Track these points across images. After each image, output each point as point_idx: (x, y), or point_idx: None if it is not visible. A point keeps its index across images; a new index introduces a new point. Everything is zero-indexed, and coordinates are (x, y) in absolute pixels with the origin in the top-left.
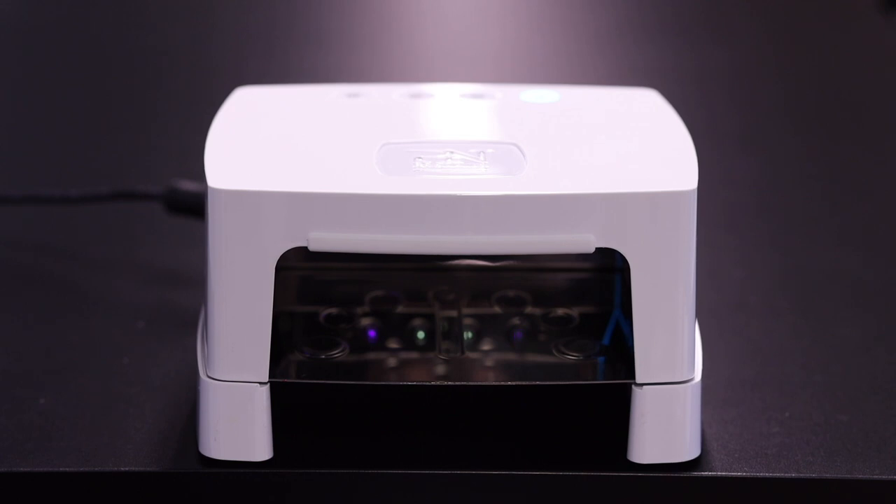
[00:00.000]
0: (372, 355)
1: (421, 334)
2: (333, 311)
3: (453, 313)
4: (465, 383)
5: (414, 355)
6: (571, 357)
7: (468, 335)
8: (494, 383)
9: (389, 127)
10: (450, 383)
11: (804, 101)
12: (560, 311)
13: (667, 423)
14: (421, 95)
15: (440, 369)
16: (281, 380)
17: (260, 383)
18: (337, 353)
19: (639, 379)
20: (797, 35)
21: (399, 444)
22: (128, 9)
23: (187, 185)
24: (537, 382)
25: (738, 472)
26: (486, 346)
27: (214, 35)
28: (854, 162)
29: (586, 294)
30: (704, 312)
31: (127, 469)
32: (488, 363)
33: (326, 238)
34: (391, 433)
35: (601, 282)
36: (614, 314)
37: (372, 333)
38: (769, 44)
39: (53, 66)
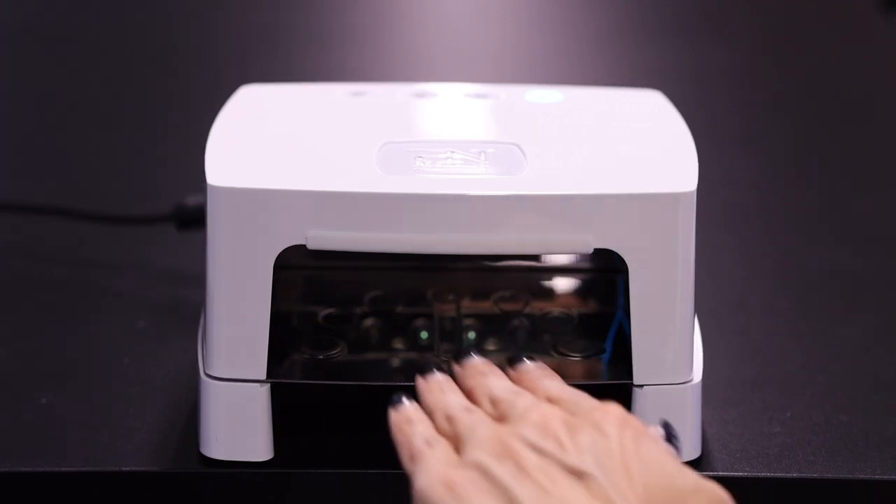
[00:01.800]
0: (371, 355)
1: (424, 334)
2: (333, 311)
3: (453, 313)
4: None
5: (413, 355)
6: (572, 357)
7: (468, 335)
8: None
9: (392, 126)
10: None
11: (804, 101)
12: (560, 311)
13: None
14: (425, 95)
15: None
16: (281, 380)
17: (260, 383)
18: (336, 354)
19: (638, 380)
20: (797, 35)
21: None
22: (135, 7)
23: (193, 200)
24: None
25: (739, 471)
26: (486, 346)
27: (220, 34)
28: (854, 162)
29: (587, 294)
30: (704, 312)
31: (127, 469)
32: None
33: (325, 236)
34: (391, 433)
35: (602, 282)
36: (618, 315)
37: (371, 334)
38: (769, 44)
39: (54, 66)
